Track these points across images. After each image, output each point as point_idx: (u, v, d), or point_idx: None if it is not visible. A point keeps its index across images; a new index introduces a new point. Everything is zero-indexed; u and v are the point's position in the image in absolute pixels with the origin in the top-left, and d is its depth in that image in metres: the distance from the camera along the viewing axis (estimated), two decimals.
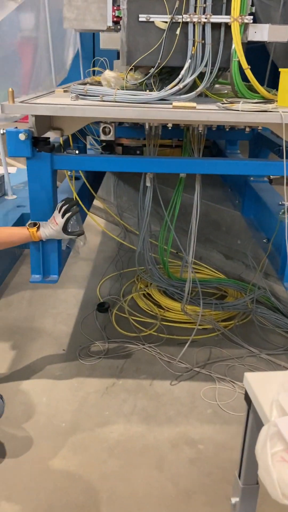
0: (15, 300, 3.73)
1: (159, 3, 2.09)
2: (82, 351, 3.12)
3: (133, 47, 2.18)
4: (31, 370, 2.93)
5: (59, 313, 3.57)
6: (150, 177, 2.90)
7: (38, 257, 2.58)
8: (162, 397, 2.74)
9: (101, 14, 2.17)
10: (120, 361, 3.03)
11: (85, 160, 2.47)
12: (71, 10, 2.18)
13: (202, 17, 2.06)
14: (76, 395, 2.74)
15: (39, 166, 2.38)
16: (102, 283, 4.01)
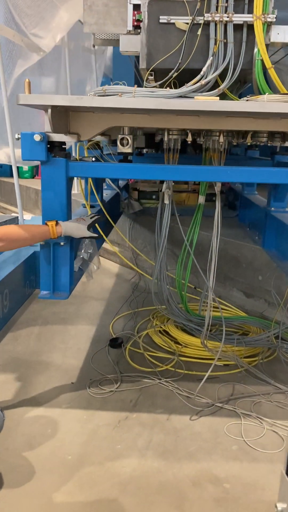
0: (23, 335, 3.51)
1: (180, 5, 2.08)
2: (93, 384, 2.85)
3: (153, 49, 2.15)
4: (36, 401, 2.67)
5: (69, 347, 3.34)
6: (169, 194, 2.78)
7: (48, 271, 2.44)
8: (181, 432, 2.44)
9: (122, 19, 2.17)
10: (134, 395, 2.75)
11: (102, 167, 2.37)
12: (91, 15, 2.19)
13: (224, 16, 2.03)
14: (85, 427, 2.45)
15: (54, 172, 2.28)
16: (115, 320, 3.79)
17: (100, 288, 4.59)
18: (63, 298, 2.47)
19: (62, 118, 2.21)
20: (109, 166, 2.39)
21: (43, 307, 4.04)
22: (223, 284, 4.09)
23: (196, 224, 3.16)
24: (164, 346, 3.32)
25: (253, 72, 2.09)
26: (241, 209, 4.68)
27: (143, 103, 1.91)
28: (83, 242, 2.82)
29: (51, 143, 2.27)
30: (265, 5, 2.01)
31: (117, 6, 2.17)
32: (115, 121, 2.27)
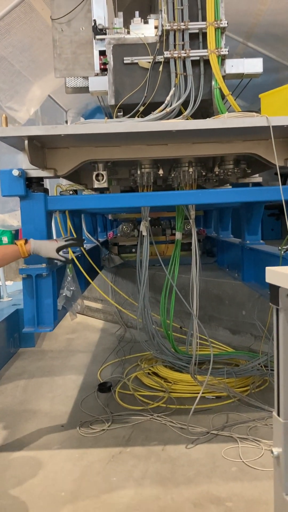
0: (9, 388, 3.41)
1: (141, 46, 2.31)
2: (83, 425, 2.76)
3: (120, 87, 2.34)
4: (24, 444, 2.56)
5: (57, 395, 3.24)
6: (146, 225, 2.88)
7: (31, 304, 2.43)
8: (178, 460, 2.35)
9: (89, 63, 2.39)
10: (127, 431, 2.66)
11: (79, 198, 2.48)
12: (61, 62, 2.40)
13: (182, 53, 2.26)
14: (78, 465, 2.34)
15: (33, 206, 2.37)
16: (103, 368, 3.72)
17: (85, 343, 4.54)
18: (48, 331, 2.45)
19: (39, 154, 2.35)
20: (86, 197, 2.51)
21: (28, 363, 3.96)
22: (209, 324, 4.10)
23: (176, 260, 3.23)
24: (154, 385, 3.26)
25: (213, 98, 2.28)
26: (219, 254, 4.81)
27: (114, 128, 2.05)
28: (66, 280, 2.86)
29: (29, 179, 2.38)
30: (218, 41, 2.25)
31: (84, 52, 2.39)
32: (89, 155, 2.41)
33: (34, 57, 4.81)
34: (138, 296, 3.36)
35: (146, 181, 2.71)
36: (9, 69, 4.79)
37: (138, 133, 2.14)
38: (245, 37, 4.83)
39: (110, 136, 2.18)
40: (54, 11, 2.39)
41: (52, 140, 2.25)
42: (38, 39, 4.58)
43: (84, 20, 2.39)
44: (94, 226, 4.87)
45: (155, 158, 2.49)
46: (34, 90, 5.51)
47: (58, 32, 2.39)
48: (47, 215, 2.41)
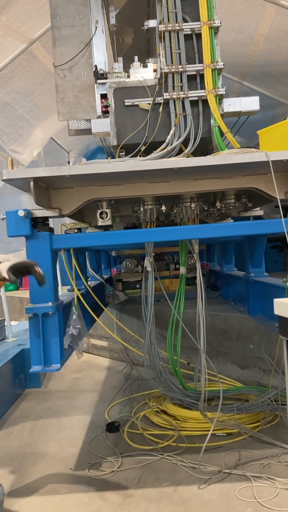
0: (15, 430, 3.35)
1: (141, 89, 2.40)
2: (92, 467, 2.69)
3: (122, 128, 2.41)
4: (33, 490, 2.49)
5: (64, 437, 3.18)
6: (151, 260, 2.90)
7: (38, 344, 2.42)
8: (191, 501, 2.28)
9: (91, 106, 2.47)
10: (137, 472, 2.59)
11: (84, 236, 2.51)
12: (64, 106, 2.48)
13: (181, 94, 2.33)
14: (87, 509, 2.28)
15: (39, 245, 2.40)
16: (110, 407, 3.66)
17: (92, 382, 4.48)
18: (55, 370, 2.43)
19: (44, 194, 2.39)
20: (91, 234, 2.54)
21: (35, 404, 3.90)
22: (216, 359, 4.05)
23: (181, 295, 3.24)
24: (163, 424, 3.20)
25: (212, 136, 2.34)
26: (223, 287, 4.80)
27: (117, 167, 2.10)
28: (71, 318, 2.85)
29: (34, 219, 2.42)
30: (215, 82, 2.33)
31: (86, 96, 2.47)
32: (93, 194, 2.46)
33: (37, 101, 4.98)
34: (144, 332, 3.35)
35: (149, 217, 2.74)
36: (13, 113, 4.94)
37: (140, 172, 2.19)
38: (240, 77, 5.00)
39: (113, 175, 2.24)
40: (57, 59, 2.49)
41: (57, 180, 2.30)
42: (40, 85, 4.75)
43: (85, 66, 2.48)
44: (98, 263, 4.89)
45: (158, 195, 2.53)
46: (36, 133, 5.66)
47: (60, 77, 2.48)
48: (52, 254, 2.43)
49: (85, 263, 3.96)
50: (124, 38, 3.13)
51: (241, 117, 2.65)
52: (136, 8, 2.93)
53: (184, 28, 2.37)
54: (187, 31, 2.39)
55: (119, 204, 2.89)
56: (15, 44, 4.10)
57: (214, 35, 2.41)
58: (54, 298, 2.44)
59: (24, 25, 3.84)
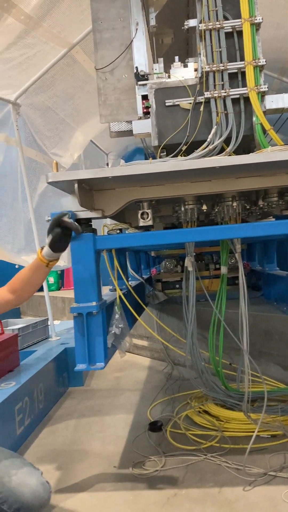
0: (60, 428, 3.42)
1: (182, 89, 2.39)
2: (136, 465, 2.71)
3: (163, 128, 2.42)
4: (79, 487, 2.54)
5: (108, 436, 3.22)
6: (192, 260, 2.90)
7: (83, 343, 2.46)
8: (236, 503, 2.26)
9: (132, 108, 2.49)
10: (181, 472, 2.59)
11: (126, 236, 2.53)
12: (105, 108, 2.52)
13: (222, 92, 2.32)
14: (133, 508, 2.30)
15: (83, 246, 2.43)
16: (152, 407, 3.68)
17: (133, 381, 4.51)
18: (99, 369, 2.46)
19: (87, 196, 2.43)
20: (133, 235, 2.56)
21: (77, 402, 3.96)
22: (259, 360, 3.99)
23: (222, 295, 3.21)
24: (205, 424, 3.18)
25: (254, 134, 2.31)
26: (265, 287, 4.74)
27: (159, 168, 2.11)
28: (114, 317, 2.88)
29: (78, 220, 2.46)
30: (257, 79, 2.30)
31: (127, 98, 2.50)
32: (134, 195, 2.48)
33: (77, 105, 5.06)
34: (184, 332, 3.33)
35: (190, 217, 2.74)
36: (54, 117, 5.05)
37: (182, 171, 2.19)
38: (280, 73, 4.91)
39: (155, 176, 2.25)
40: (98, 62, 2.53)
41: (100, 182, 2.33)
42: (80, 88, 4.82)
43: (126, 68, 2.51)
44: (137, 263, 4.92)
45: (199, 195, 2.52)
46: (77, 136, 5.76)
47: (102, 80, 2.51)
48: (96, 254, 2.47)
49: (125, 263, 4.00)
50: (163, 39, 3.14)
51: (283, 114, 2.61)
52: (175, 8, 2.93)
53: (224, 26, 2.35)
54: (228, 29, 2.37)
55: (159, 205, 2.90)
56: (56, 49, 4.19)
57: (255, 32, 2.38)
58: (98, 298, 2.48)
59: (65, 31, 3.91)
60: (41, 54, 4.04)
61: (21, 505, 1.73)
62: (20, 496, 1.73)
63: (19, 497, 1.73)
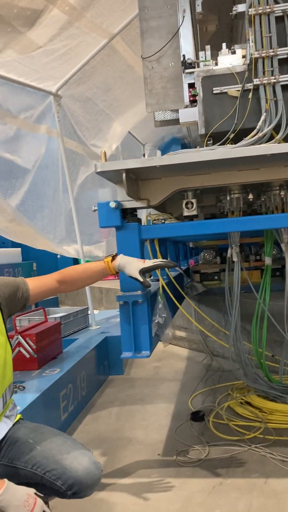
0: (102, 415, 3.47)
1: (230, 76, 2.36)
2: (180, 454, 2.73)
3: (210, 116, 2.40)
4: (124, 472, 2.58)
5: (150, 424, 3.25)
6: (237, 251, 2.87)
7: (128, 331, 2.49)
8: (283, 494, 2.25)
9: (179, 96, 2.47)
10: (225, 462, 2.60)
11: (170, 226, 2.53)
12: (152, 97, 2.51)
13: (272, 78, 2.27)
14: (178, 494, 2.32)
15: (128, 235, 2.45)
16: (193, 397, 3.68)
17: (172, 371, 4.53)
18: (145, 357, 2.48)
19: (134, 186, 2.44)
20: (178, 224, 2.56)
21: (119, 390, 4.01)
22: None
23: (266, 286, 3.18)
24: (248, 415, 3.16)
25: None
26: None
27: (208, 156, 2.09)
28: (157, 307, 2.89)
29: (123, 210, 2.48)
30: None
31: (174, 87, 2.48)
32: (180, 184, 2.47)
33: (116, 95, 5.06)
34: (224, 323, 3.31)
35: (235, 207, 2.72)
36: (93, 108, 5.07)
37: (230, 160, 2.17)
38: None
39: (202, 164, 2.23)
40: (145, 50, 2.52)
41: (146, 172, 2.33)
42: (120, 79, 4.83)
43: (173, 56, 2.49)
44: (177, 254, 4.92)
45: (246, 183, 2.49)
46: (115, 127, 5.77)
47: (148, 69, 2.51)
48: (141, 244, 2.48)
49: (166, 254, 4.00)
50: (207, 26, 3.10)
51: None
52: None
53: (275, 10, 2.30)
54: (278, 13, 2.31)
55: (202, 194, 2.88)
56: (97, 40, 4.20)
57: None
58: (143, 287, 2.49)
59: (107, 21, 3.91)
60: (82, 45, 4.06)
61: (75, 482, 1.77)
62: (73, 473, 1.77)
63: (73, 474, 1.77)
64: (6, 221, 3.73)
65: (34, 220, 4.34)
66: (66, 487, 1.78)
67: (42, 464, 1.83)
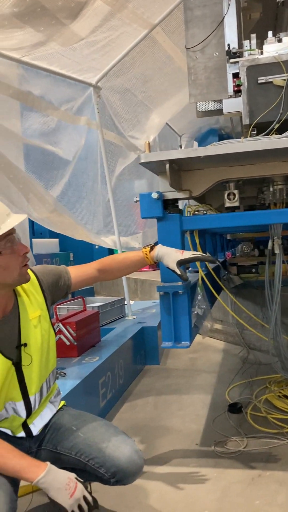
0: (139, 404, 3.52)
1: (276, 65, 2.32)
2: (218, 444, 2.74)
3: (254, 106, 2.37)
4: (162, 460, 2.61)
5: (187, 414, 3.27)
6: (279, 243, 2.84)
7: (169, 321, 2.50)
8: None
9: (223, 86, 2.45)
10: (264, 455, 2.59)
11: (212, 217, 2.52)
12: (195, 87, 2.50)
13: None
14: (217, 484, 2.33)
15: (169, 226, 2.46)
16: (230, 389, 3.68)
17: (208, 363, 4.53)
18: (185, 347, 2.50)
19: (176, 177, 2.44)
20: (219, 216, 2.54)
21: (155, 380, 4.05)
22: None
23: None
24: (287, 409, 3.14)
25: None
26: None
27: (253, 146, 2.07)
28: (196, 298, 2.90)
29: (165, 201, 2.48)
30: None
31: (218, 77, 2.46)
32: (223, 175, 2.46)
33: (155, 86, 5.06)
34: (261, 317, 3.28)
35: (278, 198, 2.68)
36: (132, 99, 5.08)
37: (275, 150, 2.14)
38: None
39: (246, 155, 2.21)
40: (189, 40, 2.51)
41: (190, 162, 2.33)
42: (159, 70, 4.81)
43: (217, 46, 2.47)
44: (214, 246, 4.90)
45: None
46: (153, 118, 5.76)
47: (192, 60, 2.50)
48: (182, 235, 2.49)
49: (205, 245, 3.99)
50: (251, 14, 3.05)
51: None
52: None
53: None
54: None
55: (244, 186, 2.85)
56: (138, 30, 4.19)
57: None
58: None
59: (148, 11, 3.90)
60: (123, 36, 4.07)
61: (117, 470, 1.81)
62: (116, 461, 1.81)
63: (115, 462, 1.81)
64: (48, 212, 3.80)
65: (73, 211, 4.41)
66: (109, 475, 1.83)
67: (85, 452, 1.88)
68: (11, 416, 1.86)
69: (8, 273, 1.74)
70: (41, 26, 3.15)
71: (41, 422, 1.96)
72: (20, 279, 1.79)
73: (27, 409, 1.88)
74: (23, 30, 3.09)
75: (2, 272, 1.72)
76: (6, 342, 1.81)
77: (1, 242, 1.71)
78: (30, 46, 3.43)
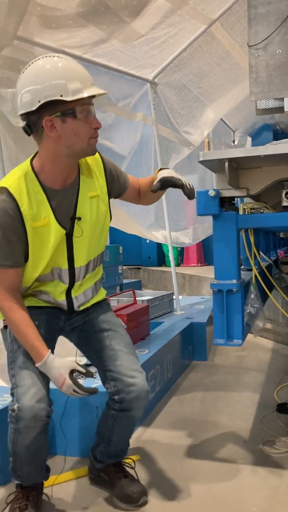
0: (187, 398, 3.56)
1: None
2: (266, 443, 2.74)
3: None
4: (210, 455, 2.64)
5: (235, 411, 3.28)
6: None
7: (222, 320, 2.52)
8: None
9: (285, 84, 2.43)
10: None
11: (269, 216, 2.52)
12: (256, 86, 2.49)
13: None
14: (266, 483, 2.34)
15: (225, 224, 2.47)
16: (279, 388, 3.65)
17: (257, 361, 4.50)
18: (237, 345, 2.52)
19: (234, 175, 2.45)
20: (277, 215, 2.53)
21: (203, 376, 4.08)
22: None
23: None
24: None
25: None
26: None
27: None
28: (249, 297, 2.90)
29: (222, 199, 2.50)
30: None
31: (280, 74, 2.44)
32: (282, 174, 2.44)
33: (212, 82, 5.03)
34: None
35: None
36: (188, 95, 5.09)
37: None
38: None
39: None
40: (251, 38, 2.49)
41: (248, 160, 2.34)
42: (217, 65, 4.79)
43: (280, 43, 2.44)
44: (267, 245, 4.84)
45: None
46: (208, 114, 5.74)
47: (254, 57, 2.48)
48: (237, 233, 2.50)
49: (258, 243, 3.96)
50: None
51: None
52: None
53: None
54: None
55: None
56: (197, 26, 4.19)
57: None
58: (238, 276, 2.51)
59: (208, 7, 3.89)
60: (182, 32, 4.08)
61: (123, 399, 2.05)
62: (126, 394, 2.06)
63: (124, 395, 2.07)
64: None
65: (127, 205, 4.48)
66: (116, 399, 2.05)
67: (106, 362, 2.08)
68: (55, 280, 2.00)
69: (78, 140, 1.82)
70: (103, 25, 3.22)
71: (83, 299, 2.12)
72: (88, 149, 1.88)
73: (71, 278, 2.02)
74: (86, 28, 3.17)
75: (72, 137, 1.81)
76: (62, 212, 1.93)
77: (79, 107, 1.79)
78: (91, 43, 3.51)
